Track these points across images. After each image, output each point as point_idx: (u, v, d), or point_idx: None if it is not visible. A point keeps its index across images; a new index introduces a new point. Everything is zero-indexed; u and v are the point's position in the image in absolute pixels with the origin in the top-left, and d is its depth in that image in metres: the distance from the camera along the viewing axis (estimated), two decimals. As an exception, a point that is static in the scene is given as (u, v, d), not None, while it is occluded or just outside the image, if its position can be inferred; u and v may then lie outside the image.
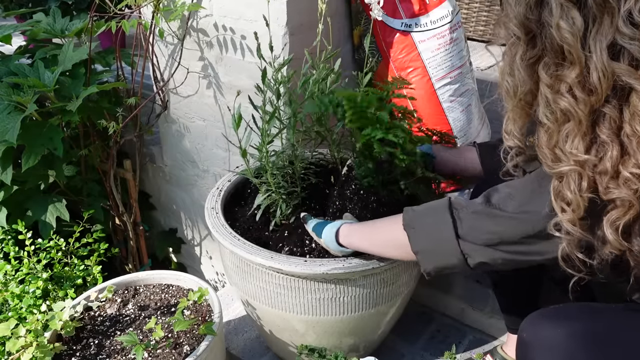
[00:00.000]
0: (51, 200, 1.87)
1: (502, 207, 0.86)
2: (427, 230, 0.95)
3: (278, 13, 1.45)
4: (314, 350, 1.14)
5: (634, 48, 0.66)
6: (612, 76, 0.67)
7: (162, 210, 2.31)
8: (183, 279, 1.40)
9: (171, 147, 2.04)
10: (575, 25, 0.67)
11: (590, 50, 0.67)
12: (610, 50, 0.67)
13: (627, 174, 0.69)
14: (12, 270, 1.51)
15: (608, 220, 0.73)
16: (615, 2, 0.65)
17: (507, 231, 0.86)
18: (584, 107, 0.69)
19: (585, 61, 0.68)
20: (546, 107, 0.73)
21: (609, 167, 0.70)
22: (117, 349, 1.21)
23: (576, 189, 0.74)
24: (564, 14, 0.68)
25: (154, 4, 1.62)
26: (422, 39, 1.65)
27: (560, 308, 0.89)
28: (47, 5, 2.83)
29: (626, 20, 0.65)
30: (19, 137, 1.59)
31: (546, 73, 0.72)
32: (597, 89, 0.68)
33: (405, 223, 0.98)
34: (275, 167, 1.28)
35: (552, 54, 0.71)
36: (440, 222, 0.93)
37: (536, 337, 0.85)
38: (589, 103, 0.69)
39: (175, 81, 1.83)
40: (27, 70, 1.78)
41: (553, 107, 0.72)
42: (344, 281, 1.15)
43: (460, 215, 0.91)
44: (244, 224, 1.32)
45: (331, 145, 1.39)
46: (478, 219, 0.89)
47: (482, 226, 0.89)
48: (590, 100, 0.69)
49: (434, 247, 0.95)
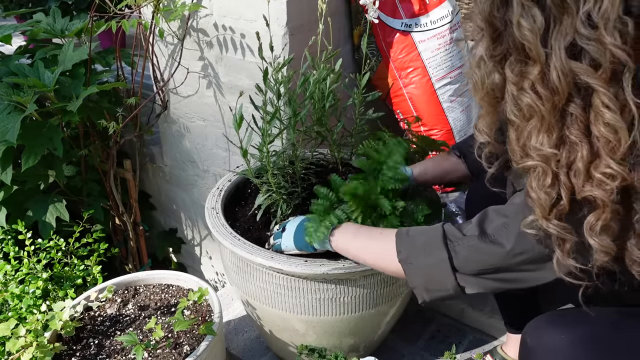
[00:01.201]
0: (51, 200, 1.87)
1: (497, 240, 0.86)
2: (423, 266, 0.94)
3: (278, 13, 1.45)
4: (314, 350, 1.14)
5: (592, 49, 0.66)
6: (571, 75, 0.68)
7: (162, 210, 2.31)
8: (183, 279, 1.40)
9: (171, 147, 2.04)
10: (535, 24, 0.68)
11: (551, 48, 0.68)
12: (571, 50, 0.67)
13: (599, 175, 0.70)
14: (12, 270, 1.51)
15: (588, 223, 0.73)
16: (573, 3, 0.66)
17: (501, 262, 0.86)
18: (546, 103, 0.70)
19: (546, 59, 0.69)
20: (513, 104, 0.75)
21: (581, 167, 0.71)
22: (117, 349, 1.21)
23: (540, 184, 0.75)
24: (525, 12, 0.69)
25: (154, 4, 1.62)
26: (422, 39, 1.65)
27: (562, 313, 0.89)
28: (47, 5, 2.83)
29: (585, 21, 0.66)
30: (19, 137, 1.59)
31: (512, 71, 0.73)
32: (557, 87, 0.69)
33: (400, 258, 0.96)
34: (276, 167, 1.28)
35: (515, 51, 0.72)
36: (436, 258, 0.92)
37: (539, 342, 0.85)
38: (551, 100, 0.70)
39: (175, 81, 1.83)
40: (27, 70, 1.78)
41: (519, 104, 0.74)
42: (345, 281, 1.15)
43: (455, 249, 0.91)
44: (244, 224, 1.32)
45: (331, 145, 1.39)
46: (474, 252, 0.89)
47: (478, 259, 0.89)
48: (552, 98, 0.70)
49: (431, 282, 0.94)
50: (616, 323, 0.88)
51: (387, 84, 1.74)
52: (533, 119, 0.72)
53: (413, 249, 0.96)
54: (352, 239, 1.08)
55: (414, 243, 0.96)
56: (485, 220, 0.89)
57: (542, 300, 1.25)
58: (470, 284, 0.91)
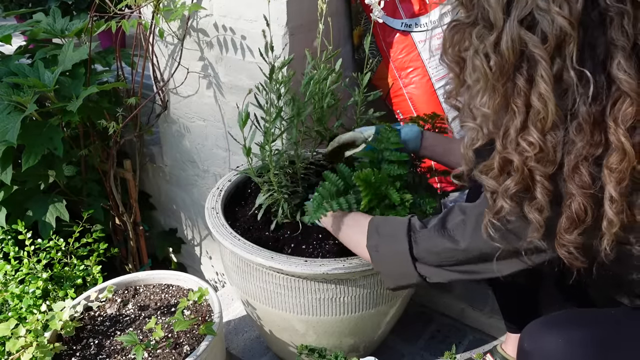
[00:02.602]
0: (51, 200, 1.87)
1: (454, 236, 0.89)
2: (386, 254, 0.99)
3: (278, 13, 1.45)
4: (314, 350, 1.14)
5: (544, 21, 0.69)
6: (520, 43, 0.71)
7: (162, 210, 2.31)
8: (183, 279, 1.40)
9: (171, 147, 2.04)
10: None
11: (509, 16, 0.72)
12: (527, 21, 0.71)
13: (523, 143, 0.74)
14: (12, 270, 1.51)
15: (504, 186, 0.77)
16: None
17: (459, 257, 0.90)
18: (494, 67, 0.74)
19: (502, 26, 0.72)
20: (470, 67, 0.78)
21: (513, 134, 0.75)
22: (117, 349, 1.21)
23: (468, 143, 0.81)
24: None
25: (154, 4, 1.62)
26: (422, 39, 1.65)
27: (559, 316, 0.90)
28: (47, 5, 2.83)
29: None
30: (19, 137, 1.59)
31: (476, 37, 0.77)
32: (505, 53, 0.72)
33: (368, 244, 1.02)
34: (277, 167, 1.28)
35: (482, 19, 0.76)
36: (398, 246, 0.96)
37: (536, 346, 0.86)
38: (499, 65, 0.73)
39: (175, 81, 1.83)
40: (27, 70, 1.78)
41: (472, 66, 0.77)
42: (345, 281, 1.15)
43: (417, 240, 0.95)
44: (244, 223, 1.32)
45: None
46: (432, 245, 0.93)
47: (437, 251, 0.92)
48: (499, 62, 0.73)
49: (394, 269, 0.99)
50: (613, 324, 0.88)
51: (387, 84, 1.74)
52: (480, 81, 0.76)
53: (380, 237, 1.01)
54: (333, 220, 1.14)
55: (382, 232, 1.01)
56: (449, 215, 0.93)
57: (542, 300, 1.25)
58: (431, 273, 0.95)
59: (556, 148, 0.73)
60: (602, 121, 0.71)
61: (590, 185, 0.72)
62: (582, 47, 0.69)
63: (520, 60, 0.72)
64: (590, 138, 0.71)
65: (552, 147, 0.73)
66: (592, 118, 0.71)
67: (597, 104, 0.70)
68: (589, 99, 0.70)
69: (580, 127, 0.71)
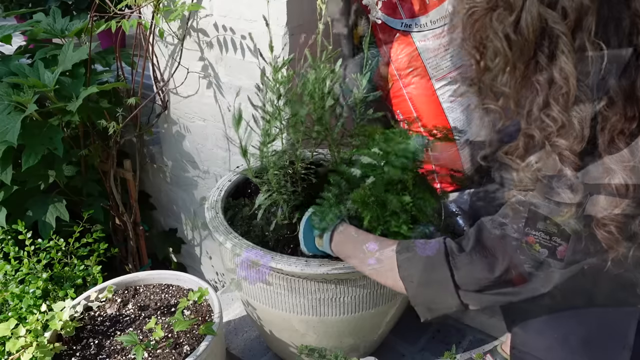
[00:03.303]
0: (51, 200, 1.87)
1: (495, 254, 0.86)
2: (426, 284, 0.93)
3: (278, 13, 1.45)
4: (314, 350, 1.14)
5: None
6: (540, 20, 0.71)
7: (162, 210, 2.32)
8: (183, 279, 1.40)
9: (171, 147, 2.04)
10: None
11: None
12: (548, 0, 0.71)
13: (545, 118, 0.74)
14: (12, 270, 1.51)
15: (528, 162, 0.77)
16: None
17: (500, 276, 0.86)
18: (514, 46, 0.74)
19: (522, 5, 0.72)
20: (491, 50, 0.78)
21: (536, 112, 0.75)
22: (117, 349, 1.21)
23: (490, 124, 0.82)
24: None
25: (154, 4, 1.62)
26: (422, 39, 1.65)
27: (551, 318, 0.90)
28: (47, 5, 2.84)
29: None
30: (19, 137, 1.59)
31: (496, 20, 0.76)
32: (525, 31, 0.72)
33: (402, 275, 0.95)
34: (277, 167, 1.28)
35: (502, 2, 0.75)
36: (437, 274, 0.90)
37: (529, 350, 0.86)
38: (519, 44, 0.74)
39: (175, 81, 1.83)
40: (27, 70, 1.78)
41: (493, 48, 0.77)
42: (344, 281, 1.15)
43: (457, 265, 0.89)
44: (244, 224, 1.32)
45: (331, 145, 1.39)
46: (474, 267, 0.88)
47: (478, 274, 0.88)
48: (520, 41, 0.73)
49: (434, 300, 0.93)
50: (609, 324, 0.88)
51: (387, 84, 1.74)
52: (501, 61, 0.76)
53: (415, 265, 0.94)
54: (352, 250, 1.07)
55: (415, 259, 0.94)
56: (482, 233, 0.88)
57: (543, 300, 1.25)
58: (472, 300, 0.90)
59: (583, 123, 0.72)
60: (632, 94, 0.71)
61: (630, 159, 0.72)
62: (606, 22, 0.69)
63: (541, 37, 0.72)
64: (623, 111, 0.71)
65: (577, 122, 0.72)
66: (623, 92, 0.70)
67: (626, 77, 0.70)
68: (617, 74, 0.70)
69: (611, 101, 0.71)
